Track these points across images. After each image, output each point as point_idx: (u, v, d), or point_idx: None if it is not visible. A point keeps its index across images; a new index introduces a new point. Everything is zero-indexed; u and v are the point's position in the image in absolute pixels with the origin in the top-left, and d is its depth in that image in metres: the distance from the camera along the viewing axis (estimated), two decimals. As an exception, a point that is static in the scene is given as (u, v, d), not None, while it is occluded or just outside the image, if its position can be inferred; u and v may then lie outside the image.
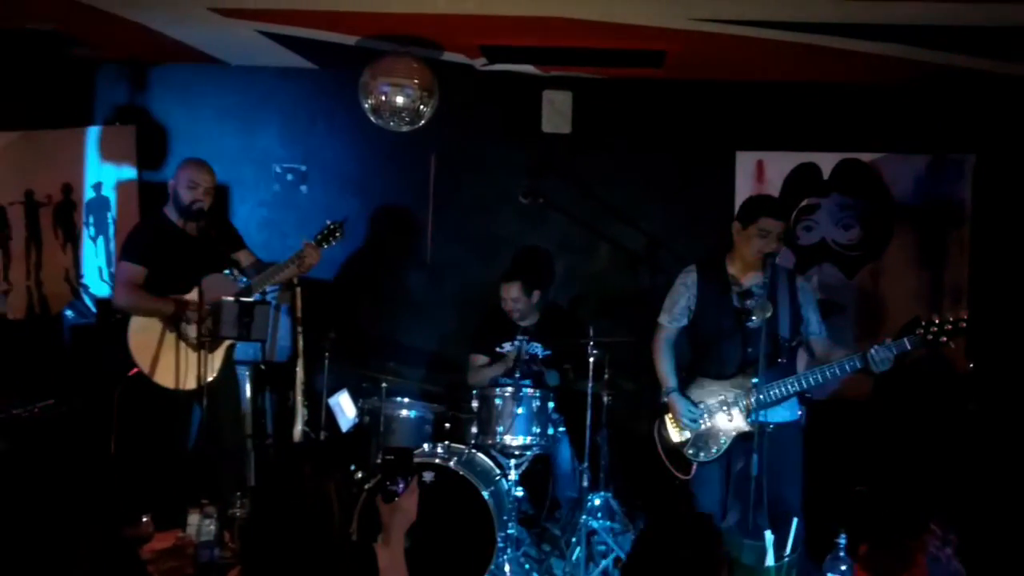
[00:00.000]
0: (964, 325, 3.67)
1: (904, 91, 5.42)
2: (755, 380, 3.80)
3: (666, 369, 4.16)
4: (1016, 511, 4.54)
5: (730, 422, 3.97)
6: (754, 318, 3.81)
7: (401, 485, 2.62)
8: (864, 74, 5.25)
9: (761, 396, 3.81)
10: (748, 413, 3.90)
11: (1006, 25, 4.24)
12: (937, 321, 3.68)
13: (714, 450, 3.99)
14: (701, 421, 4.02)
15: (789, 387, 3.88)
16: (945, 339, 3.67)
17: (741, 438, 3.95)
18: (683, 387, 4.11)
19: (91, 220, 5.84)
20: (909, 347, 3.72)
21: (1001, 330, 5.11)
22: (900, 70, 5.05)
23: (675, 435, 4.09)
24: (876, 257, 5.55)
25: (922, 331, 3.69)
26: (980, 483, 4.76)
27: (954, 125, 5.44)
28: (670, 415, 4.11)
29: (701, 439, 4.03)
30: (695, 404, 4.03)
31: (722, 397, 3.99)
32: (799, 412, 4.11)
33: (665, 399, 4.12)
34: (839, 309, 5.43)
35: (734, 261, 4.10)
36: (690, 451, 4.05)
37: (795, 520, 3.34)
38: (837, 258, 5.55)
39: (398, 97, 4.88)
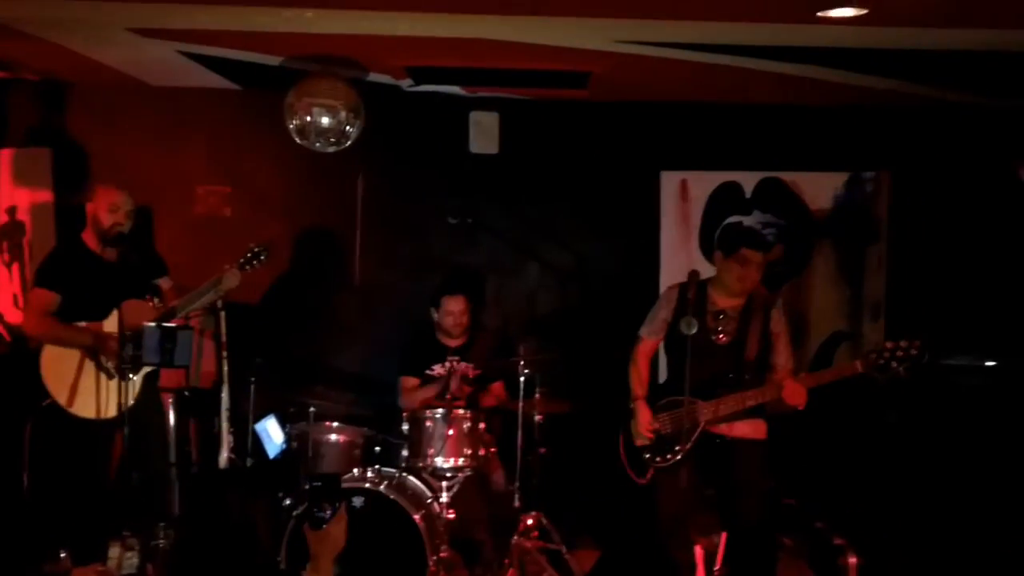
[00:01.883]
0: (915, 353, 3.83)
1: (821, 111, 5.57)
2: (718, 391, 4.01)
3: (637, 378, 4.32)
4: (935, 518, 4.68)
5: (685, 432, 4.05)
6: (682, 330, 3.91)
7: (329, 512, 2.59)
8: (783, 95, 5.40)
9: (704, 412, 4.01)
10: (700, 426, 4.04)
11: (919, 49, 4.40)
12: (889, 347, 3.86)
13: (668, 456, 4.08)
14: (658, 432, 4.15)
15: (725, 406, 4.04)
16: (896, 365, 3.83)
17: (698, 449, 4.05)
18: (654, 399, 4.23)
19: (5, 246, 5.65)
20: (861, 370, 3.90)
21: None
22: (817, 91, 5.19)
23: (637, 439, 4.21)
24: (798, 273, 5.69)
25: (875, 356, 3.88)
26: (899, 491, 4.89)
27: (869, 143, 5.62)
28: (633, 421, 4.23)
29: (659, 444, 4.14)
30: (655, 415, 4.17)
31: (682, 408, 4.08)
32: (763, 430, 4.21)
33: (632, 406, 4.24)
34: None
35: (715, 286, 4.24)
36: (647, 455, 4.16)
37: (723, 534, 3.39)
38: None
39: (323, 118, 4.85)
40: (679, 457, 4.08)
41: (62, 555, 3.78)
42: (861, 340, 5.56)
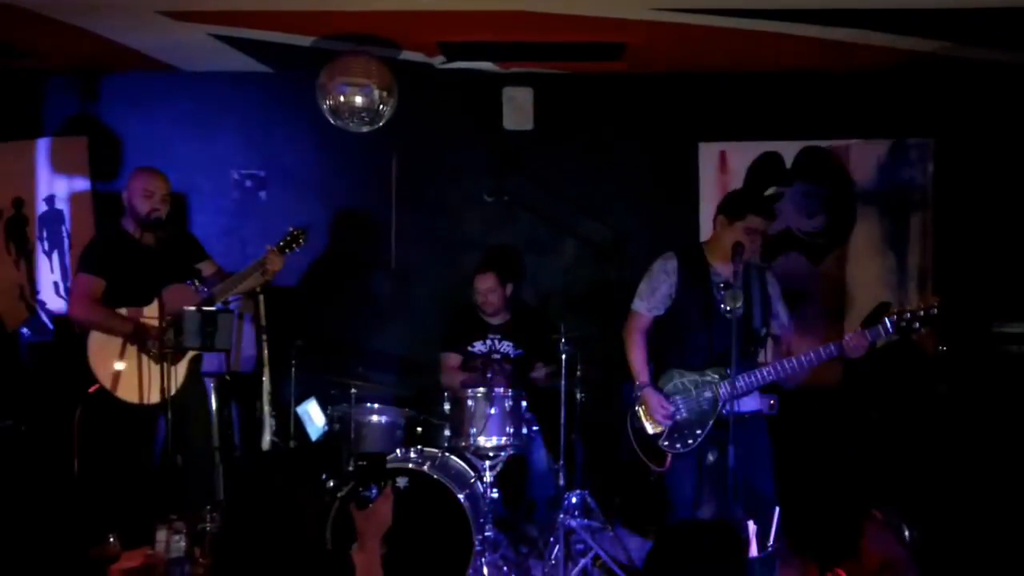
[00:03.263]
0: (935, 312, 3.74)
1: (863, 77, 5.43)
2: (729, 370, 3.77)
3: (640, 361, 4.11)
4: (985, 490, 4.58)
5: (704, 413, 3.95)
6: (724, 307, 3.79)
7: (375, 491, 2.56)
8: (823, 61, 5.26)
9: (737, 385, 3.82)
10: (721, 404, 3.89)
11: (962, 8, 4.27)
12: (909, 309, 3.77)
13: (690, 441, 3.96)
14: (675, 417, 4.00)
15: (763, 376, 3.89)
16: (918, 325, 3.73)
17: (714, 429, 3.94)
18: (655, 377, 4.09)
19: (45, 234, 5.69)
20: (883, 335, 3.78)
21: (966, 311, 5.14)
22: (859, 56, 5.07)
23: (649, 427, 4.07)
24: (841, 243, 5.57)
25: (895, 318, 3.76)
26: (951, 463, 4.80)
27: (913, 110, 5.48)
28: (643, 407, 4.08)
29: (676, 431, 4.01)
30: (668, 399, 4.01)
31: (696, 388, 3.97)
32: (771, 401, 4.11)
33: (639, 393, 4.08)
34: (805, 297, 5.43)
35: (713, 251, 4.09)
36: (665, 443, 4.02)
37: (776, 509, 3.33)
38: (802, 246, 5.56)
39: (357, 97, 4.81)
40: (700, 440, 3.97)
41: (110, 539, 3.81)
42: (908, 310, 5.44)
